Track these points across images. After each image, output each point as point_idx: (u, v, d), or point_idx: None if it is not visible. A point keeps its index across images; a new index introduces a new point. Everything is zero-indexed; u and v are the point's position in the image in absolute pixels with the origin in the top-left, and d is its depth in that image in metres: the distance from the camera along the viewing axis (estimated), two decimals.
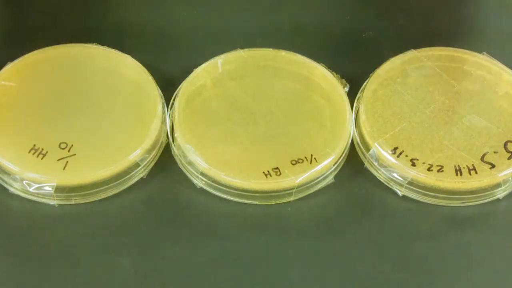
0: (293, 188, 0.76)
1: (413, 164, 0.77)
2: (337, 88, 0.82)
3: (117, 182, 0.76)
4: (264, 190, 0.76)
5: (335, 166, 0.78)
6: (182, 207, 0.77)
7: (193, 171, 0.77)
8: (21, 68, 0.82)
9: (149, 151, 0.77)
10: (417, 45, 0.85)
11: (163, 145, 0.79)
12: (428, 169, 0.77)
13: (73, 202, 0.76)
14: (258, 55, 0.84)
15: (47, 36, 0.86)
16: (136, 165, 0.77)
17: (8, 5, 0.89)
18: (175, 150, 0.79)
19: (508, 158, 0.78)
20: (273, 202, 0.77)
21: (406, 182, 0.77)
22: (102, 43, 0.84)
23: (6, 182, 0.76)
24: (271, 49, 0.84)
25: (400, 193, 0.77)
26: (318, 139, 0.79)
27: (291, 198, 0.77)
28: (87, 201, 0.76)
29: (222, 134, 0.79)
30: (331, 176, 0.78)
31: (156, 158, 0.79)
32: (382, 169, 0.78)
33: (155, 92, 0.80)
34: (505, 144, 0.79)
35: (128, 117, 0.79)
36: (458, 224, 0.77)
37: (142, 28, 0.89)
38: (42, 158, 0.76)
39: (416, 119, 0.80)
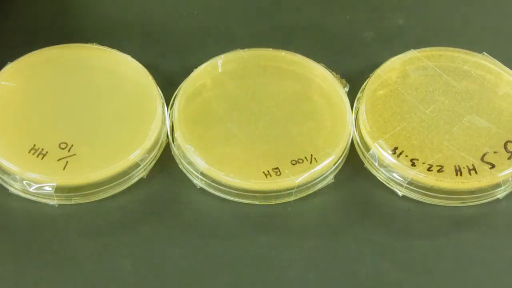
0: (293, 188, 0.76)
1: (413, 164, 0.77)
2: (337, 88, 0.82)
3: (117, 182, 0.76)
4: (264, 190, 0.76)
5: (335, 166, 0.78)
6: (182, 207, 0.77)
7: (193, 171, 0.77)
8: (21, 68, 0.82)
9: (149, 151, 0.77)
10: (417, 45, 0.85)
11: (163, 145, 0.79)
12: (428, 169, 0.77)
13: (73, 202, 0.76)
14: (258, 55, 0.84)
15: (47, 36, 0.86)
16: (136, 165, 0.77)
17: (8, 5, 0.89)
18: (175, 150, 0.79)
19: (508, 158, 0.78)
20: (273, 202, 0.77)
21: (406, 182, 0.77)
22: (102, 43, 0.84)
23: (6, 182, 0.76)
24: (271, 49, 0.84)
25: (400, 193, 0.77)
26: (318, 139, 0.79)
27: (291, 198, 0.77)
28: (87, 201, 0.76)
29: (222, 134, 0.79)
30: (331, 176, 0.78)
31: (156, 158, 0.79)
32: (382, 169, 0.78)
33: (155, 92, 0.80)
34: (505, 144, 0.79)
35: (128, 117, 0.79)
36: (458, 224, 0.77)
37: (142, 28, 0.89)
38: (42, 158, 0.76)
39: (416, 119, 0.80)
